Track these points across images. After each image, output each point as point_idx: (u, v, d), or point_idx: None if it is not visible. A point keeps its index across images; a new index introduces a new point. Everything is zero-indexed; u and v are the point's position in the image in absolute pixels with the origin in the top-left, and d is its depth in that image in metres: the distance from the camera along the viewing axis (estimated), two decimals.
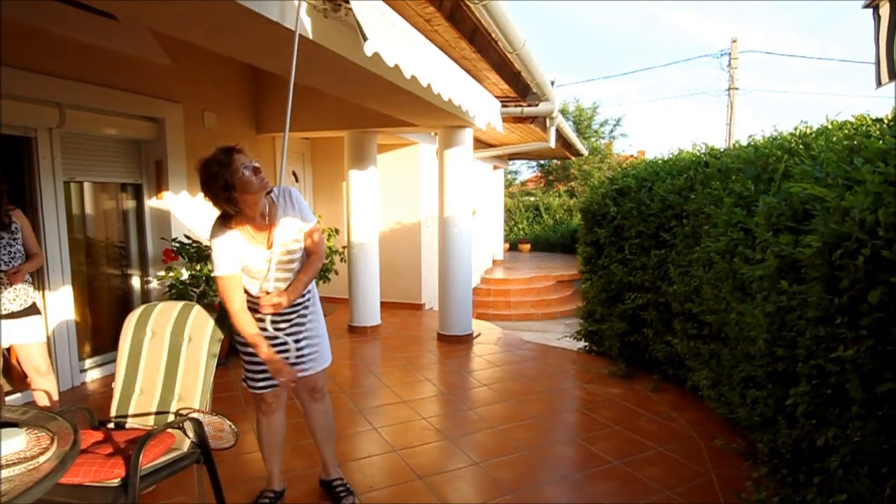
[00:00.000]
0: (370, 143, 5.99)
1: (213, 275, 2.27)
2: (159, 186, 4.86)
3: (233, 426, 2.22)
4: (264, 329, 2.31)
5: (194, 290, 4.58)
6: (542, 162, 20.13)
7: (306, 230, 2.35)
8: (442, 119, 5.26)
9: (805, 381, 1.93)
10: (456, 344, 5.72)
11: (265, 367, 2.29)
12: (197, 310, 2.37)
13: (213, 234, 2.21)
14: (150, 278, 4.89)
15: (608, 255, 4.80)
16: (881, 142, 1.91)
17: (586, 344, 5.42)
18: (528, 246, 16.21)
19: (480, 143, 8.86)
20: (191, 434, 2.17)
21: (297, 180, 7.42)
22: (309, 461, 3.03)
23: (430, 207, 7.58)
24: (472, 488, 2.85)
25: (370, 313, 6.20)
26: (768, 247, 2.22)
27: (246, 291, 2.30)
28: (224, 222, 2.20)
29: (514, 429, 3.58)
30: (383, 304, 6.53)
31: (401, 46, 2.84)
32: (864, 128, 2.53)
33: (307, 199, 7.68)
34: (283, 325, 2.36)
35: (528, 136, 7.95)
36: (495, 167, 12.39)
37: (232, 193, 2.09)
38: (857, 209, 1.61)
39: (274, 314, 2.33)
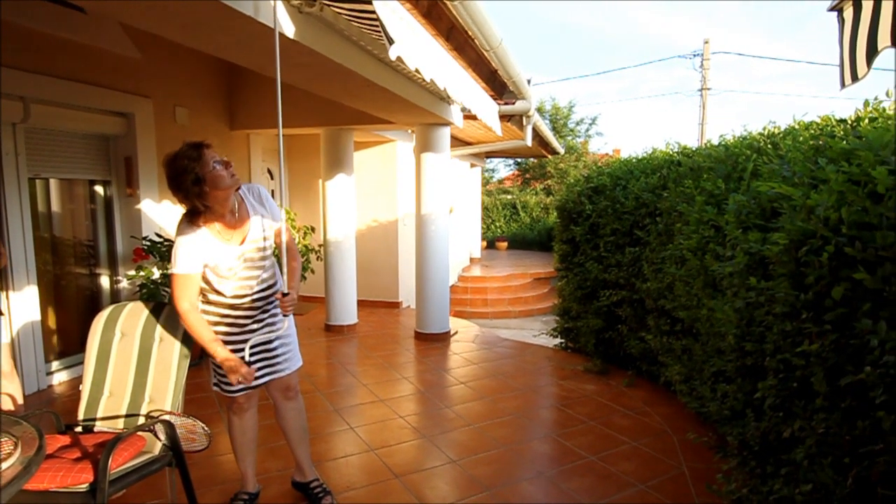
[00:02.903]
0: (346, 141, 5.94)
1: (169, 271, 2.23)
2: (129, 183, 4.75)
3: (206, 428, 2.18)
4: (247, 328, 2.28)
5: (166, 289, 4.48)
6: (519, 160, 20.25)
7: (276, 228, 2.34)
8: (419, 116, 5.25)
9: (772, 374, 1.98)
10: (433, 342, 5.72)
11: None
12: (168, 310, 2.33)
13: (179, 231, 2.17)
14: (120, 278, 4.78)
15: (584, 253, 4.86)
16: (844, 142, 1.97)
17: (562, 341, 5.47)
18: (505, 244, 16.30)
19: (458, 141, 8.86)
20: (162, 436, 2.13)
21: (272, 178, 7.32)
22: (284, 462, 3.00)
23: (408, 205, 7.57)
24: (450, 486, 2.86)
25: (347, 312, 6.17)
26: (738, 244, 2.27)
27: (219, 292, 2.26)
28: (192, 219, 2.16)
29: (491, 426, 3.60)
30: (360, 303, 6.50)
31: (420, 50, 2.82)
32: (828, 128, 2.60)
33: (282, 197, 7.59)
34: (256, 326, 2.33)
35: (504, 135, 7.98)
36: (472, 165, 12.42)
37: (202, 188, 2.05)
38: (821, 207, 1.65)
39: (248, 315, 2.30)
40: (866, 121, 2.35)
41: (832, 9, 1.80)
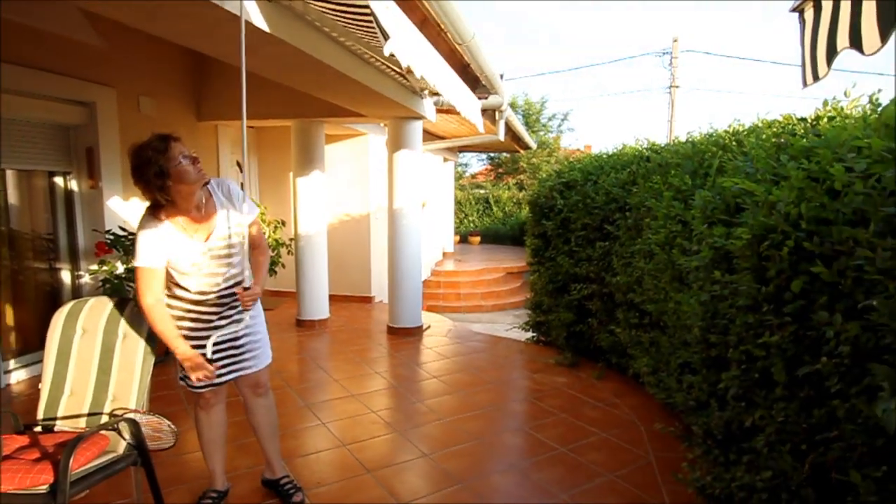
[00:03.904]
0: (318, 134, 5.87)
1: (132, 265, 2.18)
2: (91, 175, 4.59)
3: (172, 426, 2.14)
4: (212, 324, 2.24)
5: (130, 284, 4.36)
6: (491, 155, 20.30)
7: (246, 223, 2.30)
8: (391, 110, 5.22)
9: (735, 365, 2.04)
10: (406, 336, 5.71)
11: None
12: (133, 305, 2.27)
13: (141, 225, 2.12)
14: (82, 273, 4.63)
15: (555, 247, 4.91)
16: (805, 140, 2.03)
17: (534, 334, 5.53)
18: (478, 238, 16.36)
19: (430, 135, 8.84)
20: (126, 435, 2.08)
21: (241, 170, 7.18)
22: (254, 459, 2.96)
23: (380, 199, 7.51)
24: (422, 480, 2.87)
25: (318, 307, 6.11)
26: (703, 239, 2.32)
27: (184, 288, 2.21)
28: (155, 213, 2.11)
29: (464, 420, 3.62)
30: (332, 298, 6.44)
31: (412, 46, 2.79)
32: (790, 126, 2.68)
33: (252, 191, 7.46)
34: (222, 322, 2.29)
35: (476, 129, 7.98)
36: (445, 159, 12.40)
37: (166, 182, 2.01)
38: (782, 203, 1.70)
39: (214, 311, 2.25)
40: (825, 120, 2.43)
41: (794, 10, 1.85)
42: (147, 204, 2.14)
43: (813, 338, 1.55)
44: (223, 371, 2.30)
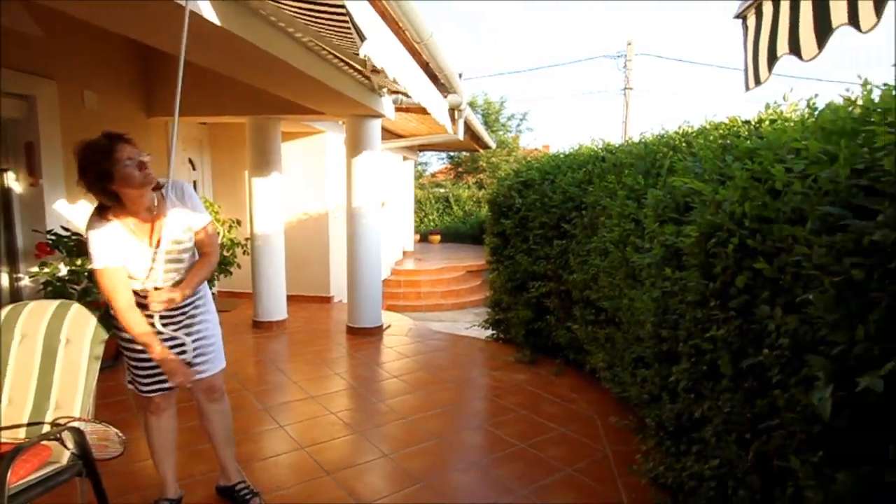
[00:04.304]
0: (274, 131, 5.75)
1: (91, 268, 2.08)
2: (31, 172, 4.36)
3: (120, 433, 2.06)
4: (154, 327, 2.16)
5: (74, 287, 4.17)
6: (451, 154, 20.37)
7: (197, 227, 2.23)
8: (350, 108, 5.16)
9: (685, 359, 2.11)
10: (366, 336, 5.67)
11: (154, 367, 2.15)
12: (76, 308, 2.17)
13: (90, 225, 2.03)
14: (21, 275, 4.39)
15: (514, 246, 4.96)
16: (748, 142, 2.12)
17: (494, 332, 5.58)
18: (438, 237, 16.38)
19: (390, 134, 8.79)
20: (70, 445, 1.98)
21: (193, 168, 6.96)
22: (208, 465, 2.87)
23: (339, 198, 7.42)
24: (382, 480, 2.85)
25: (276, 307, 5.99)
26: (655, 237, 2.40)
27: (134, 291, 2.13)
28: (102, 213, 2.04)
29: (425, 418, 3.62)
30: (290, 298, 6.33)
31: (387, 49, 2.75)
32: (735, 128, 2.79)
33: (206, 189, 7.25)
34: (170, 326, 2.21)
35: (437, 128, 7.99)
36: (405, 158, 12.36)
37: (109, 185, 1.93)
38: (727, 202, 1.77)
39: (162, 315, 2.18)
40: (767, 122, 2.55)
41: (737, 16, 1.93)
42: (95, 204, 2.06)
43: (756, 331, 1.63)
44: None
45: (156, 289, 2.15)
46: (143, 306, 2.14)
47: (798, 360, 1.38)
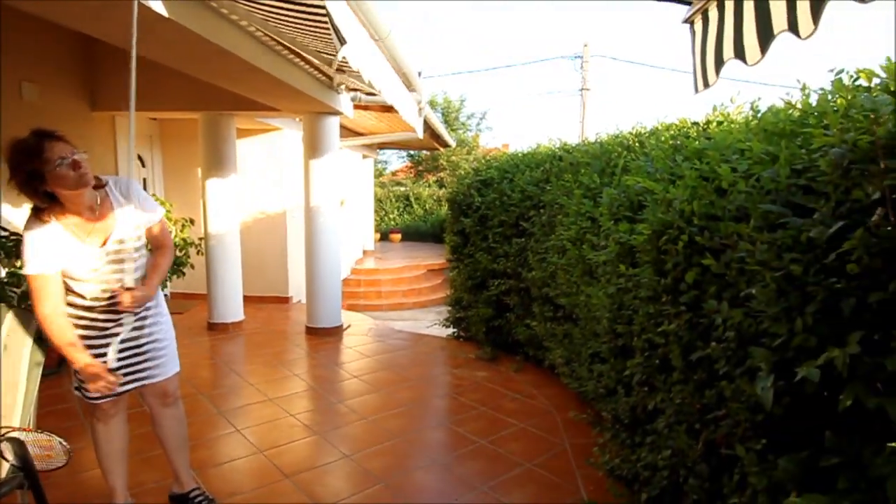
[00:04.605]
0: (227, 127, 5.60)
1: (22, 272, 1.98)
2: None
3: (64, 443, 1.96)
4: (108, 332, 2.08)
5: (14, 290, 3.95)
6: (411, 152, 20.31)
7: (148, 224, 2.15)
8: (306, 104, 5.08)
9: (639, 353, 2.17)
10: (325, 337, 5.60)
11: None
12: (14, 313, 2.05)
13: (27, 227, 1.93)
14: None
15: (474, 244, 4.99)
16: (697, 142, 2.20)
17: (455, 330, 5.60)
18: (398, 236, 16.31)
19: (348, 132, 8.69)
20: (10, 457, 1.88)
21: (143, 165, 6.71)
22: (161, 473, 2.78)
23: (297, 197, 7.29)
24: (343, 481, 2.83)
25: (232, 308, 5.84)
26: (610, 234, 2.46)
27: (78, 294, 2.04)
28: (39, 214, 1.94)
29: (386, 418, 3.60)
30: (247, 299, 6.18)
31: (364, 52, 2.71)
32: (685, 129, 2.89)
33: (157, 187, 7.00)
34: (119, 329, 2.13)
35: (396, 126, 7.96)
36: (364, 156, 12.26)
37: (41, 186, 1.83)
38: (678, 201, 1.83)
39: (110, 318, 2.09)
40: (714, 124, 2.64)
41: (685, 21, 2.00)
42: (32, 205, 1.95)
43: (705, 325, 1.69)
44: (124, 380, 2.14)
45: (128, 288, 2.06)
46: (92, 309, 2.06)
47: (743, 352, 1.45)
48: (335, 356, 5.05)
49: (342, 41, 2.30)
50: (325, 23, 2.71)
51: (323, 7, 2.30)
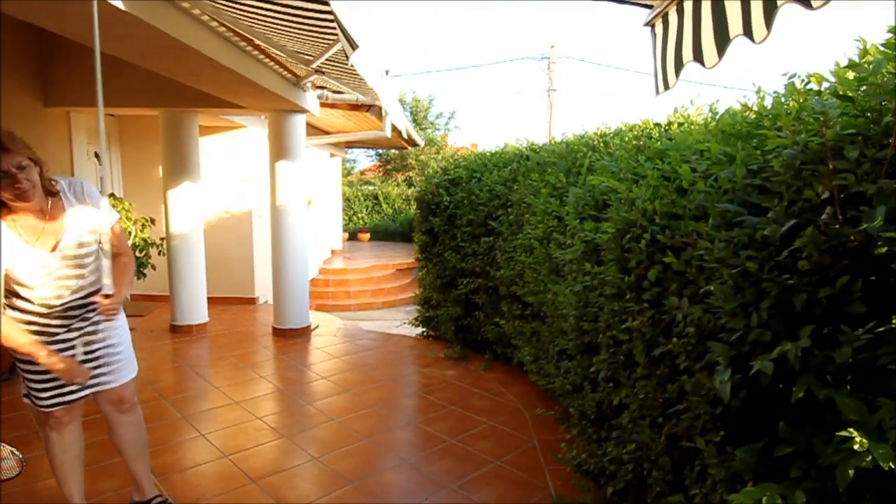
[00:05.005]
0: (190, 125, 5.46)
1: None
2: None
3: (17, 452, 1.90)
4: (57, 338, 2.00)
5: None
6: (380, 151, 20.20)
7: (103, 227, 2.08)
8: (271, 102, 4.99)
9: (605, 350, 2.21)
10: (293, 338, 5.52)
11: (52, 378, 1.99)
12: None
13: None
14: None
15: (442, 243, 5.00)
16: (659, 143, 2.25)
17: (424, 329, 5.60)
18: (367, 235, 16.20)
19: (315, 130, 8.59)
20: None
21: (100, 163, 6.48)
22: (120, 481, 2.69)
23: (262, 196, 7.15)
24: (311, 484, 2.79)
25: (195, 310, 5.70)
26: (576, 233, 2.50)
27: (25, 299, 1.96)
28: None
29: (355, 419, 3.58)
30: (211, 300, 6.04)
31: (371, 58, 2.66)
32: (648, 130, 2.96)
33: (115, 185, 6.78)
34: (70, 335, 2.06)
35: (364, 125, 7.90)
36: (332, 155, 12.13)
37: None
38: (640, 200, 1.87)
39: (61, 323, 2.02)
40: (675, 125, 2.71)
41: (646, 24, 2.04)
42: None
43: (667, 321, 1.73)
44: (76, 387, 2.07)
45: (106, 296, 2.00)
46: (42, 315, 1.98)
47: (702, 347, 1.49)
48: (303, 357, 4.99)
49: (354, 46, 2.28)
50: (319, 26, 2.69)
51: (328, 12, 2.28)
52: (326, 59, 3.74)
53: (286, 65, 4.40)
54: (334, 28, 2.49)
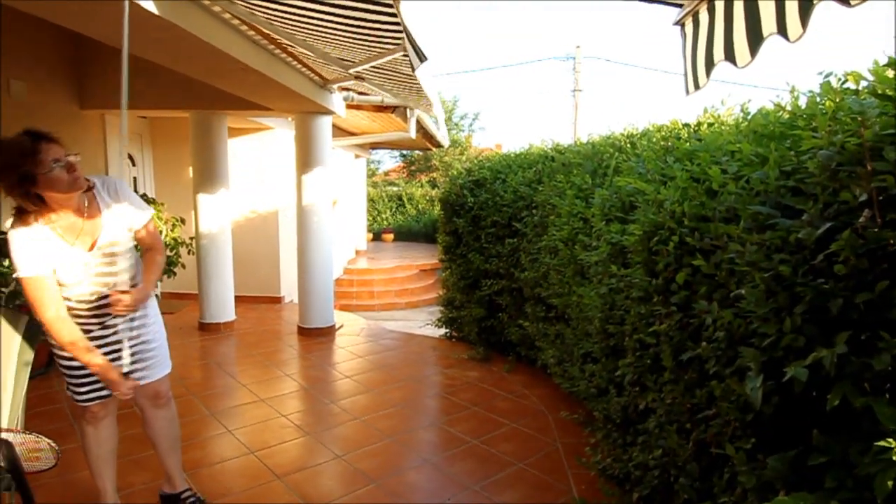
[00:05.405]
0: (219, 126, 5.57)
1: (15, 276, 1.95)
2: None
3: (53, 444, 1.94)
4: (92, 334, 2.06)
5: (2, 290, 3.91)
6: (404, 152, 20.30)
7: (139, 224, 2.13)
8: (298, 104, 5.06)
9: (631, 353, 2.18)
10: (317, 337, 5.58)
11: (89, 374, 2.05)
12: (2, 312, 2.03)
13: (13, 228, 1.90)
14: None
15: (466, 244, 5.00)
16: (688, 144, 2.22)
17: (447, 330, 5.60)
18: (391, 235, 16.29)
19: (341, 131, 8.67)
20: None
21: (133, 164, 6.66)
22: (151, 474, 2.76)
23: (289, 196, 7.26)
24: (335, 482, 2.82)
25: (223, 308, 5.81)
26: (602, 235, 2.47)
27: (64, 297, 2.02)
28: (23, 217, 1.90)
29: (378, 418, 3.60)
30: (238, 299, 6.15)
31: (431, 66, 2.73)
32: (676, 131, 2.91)
33: (147, 186, 6.95)
34: (105, 332, 2.11)
35: (389, 126, 7.95)
36: (357, 156, 12.24)
37: (31, 188, 1.80)
38: (669, 202, 1.84)
39: (92, 322, 2.08)
40: (705, 126, 2.66)
41: (676, 23, 2.01)
42: (14, 205, 1.92)
43: (695, 325, 1.70)
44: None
45: (122, 292, 2.05)
46: (77, 311, 2.04)
47: (733, 352, 1.46)
48: (327, 356, 5.04)
49: (422, 58, 2.32)
50: (376, 36, 2.72)
51: (396, 23, 2.32)
52: (372, 66, 3.74)
53: (314, 67, 4.46)
54: (396, 39, 2.51)
